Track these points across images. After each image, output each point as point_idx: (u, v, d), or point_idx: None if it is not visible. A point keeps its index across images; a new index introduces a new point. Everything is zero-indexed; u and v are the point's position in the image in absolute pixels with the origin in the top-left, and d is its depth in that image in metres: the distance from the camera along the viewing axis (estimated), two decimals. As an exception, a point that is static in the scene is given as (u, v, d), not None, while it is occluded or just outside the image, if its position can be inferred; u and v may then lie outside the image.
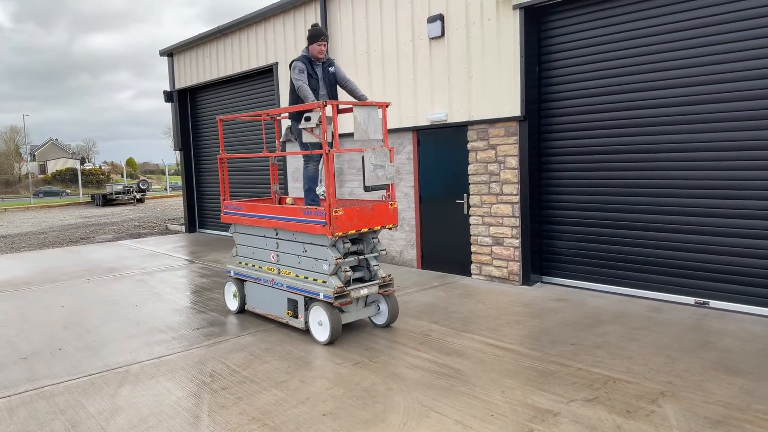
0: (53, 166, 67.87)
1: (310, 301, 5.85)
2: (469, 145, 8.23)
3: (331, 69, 6.38)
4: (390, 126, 9.18)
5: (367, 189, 5.70)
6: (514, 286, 7.81)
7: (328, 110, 5.66)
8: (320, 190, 6.26)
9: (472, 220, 8.34)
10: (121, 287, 8.76)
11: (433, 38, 8.51)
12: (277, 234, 6.28)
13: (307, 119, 5.74)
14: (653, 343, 5.31)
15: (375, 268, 5.98)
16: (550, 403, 4.18)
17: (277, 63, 11.73)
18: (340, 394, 4.48)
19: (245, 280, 6.81)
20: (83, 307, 7.58)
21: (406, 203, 9.31)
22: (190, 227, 15.81)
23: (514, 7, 7.45)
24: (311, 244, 5.81)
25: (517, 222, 7.77)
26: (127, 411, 4.34)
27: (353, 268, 5.85)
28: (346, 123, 8.11)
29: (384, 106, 5.95)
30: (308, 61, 6.21)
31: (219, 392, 4.62)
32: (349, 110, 5.83)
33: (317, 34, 6.24)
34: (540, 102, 7.72)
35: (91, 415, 4.29)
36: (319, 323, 5.69)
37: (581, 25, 7.25)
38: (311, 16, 10.73)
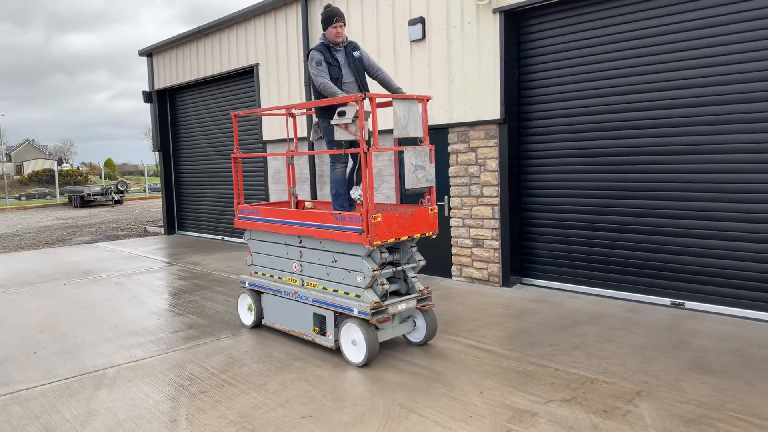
0: (30, 167, 66.74)
1: (341, 317, 5.28)
2: (449, 148, 8.27)
3: (357, 53, 5.74)
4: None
5: (407, 193, 5.20)
6: (494, 287, 7.86)
7: (365, 104, 5.07)
8: (356, 193, 5.63)
9: (452, 222, 8.38)
10: (98, 290, 8.65)
11: (414, 41, 8.54)
12: (300, 242, 5.69)
13: (341, 114, 5.09)
14: (629, 344, 5.38)
15: (413, 280, 5.41)
16: (528, 403, 4.22)
17: (258, 64, 11.68)
18: (320, 397, 4.47)
19: (262, 292, 6.21)
20: (59, 311, 7.47)
21: (387, 205, 9.31)
22: (169, 229, 15.66)
23: (494, 11, 7.51)
24: (342, 253, 5.24)
25: (497, 224, 7.82)
26: (103, 415, 4.29)
27: (388, 280, 5.32)
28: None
29: (425, 100, 5.39)
30: (326, 48, 5.60)
31: (197, 395, 4.58)
32: (387, 104, 5.31)
33: (331, 16, 5.59)
34: (519, 105, 7.79)
35: (67, 420, 4.23)
36: (353, 342, 5.09)
37: (560, 29, 7.33)
38: (292, 17, 10.71)
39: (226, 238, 13.77)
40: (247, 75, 12.41)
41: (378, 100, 5.26)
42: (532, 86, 7.66)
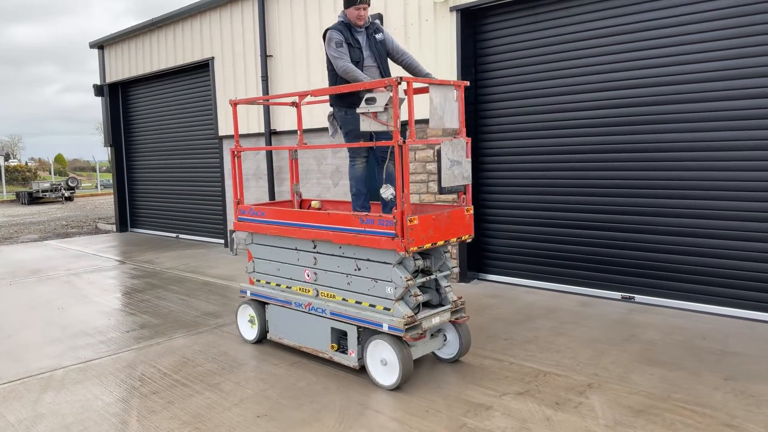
0: (-27, 162, 64.00)
1: (366, 332, 4.66)
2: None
3: (379, 36, 5.20)
4: (319, 125, 9.12)
5: (443, 191, 4.62)
6: (452, 283, 7.92)
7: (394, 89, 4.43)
8: (388, 192, 5.02)
9: (410, 218, 8.39)
10: (46, 290, 8.36)
11: (371, 37, 8.51)
12: (315, 247, 5.02)
13: (370, 101, 4.49)
14: (581, 337, 5.50)
15: (446, 289, 4.81)
16: (483, 397, 4.27)
17: (213, 58, 11.46)
18: (275, 395, 4.42)
19: (267, 303, 5.56)
20: (3, 311, 7.18)
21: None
22: (122, 226, 15.25)
23: (451, 9, 7.56)
24: (368, 260, 4.61)
25: (454, 220, 7.87)
26: (49, 418, 4.14)
27: (419, 288, 4.71)
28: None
29: (462, 86, 4.81)
30: (346, 27, 5.06)
31: (149, 396, 4.48)
32: (423, 90, 4.77)
33: None
34: (476, 104, 7.86)
35: (11, 424, 4.07)
36: (383, 362, 4.48)
37: (516, 28, 7.42)
38: (249, 11, 10.55)
39: (181, 236, 13.49)
40: (203, 69, 12.17)
41: (418, 85, 4.74)
42: (488, 84, 7.75)
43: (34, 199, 31.87)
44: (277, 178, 10.48)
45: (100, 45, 14.76)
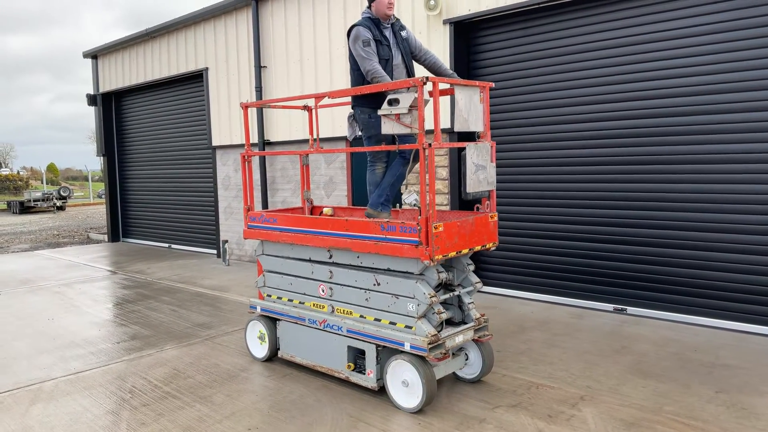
0: (-36, 171, 63.61)
1: (385, 351, 4.44)
2: (400, 156, 8.30)
3: (404, 33, 4.94)
4: (323, 134, 9.16)
5: (467, 197, 4.44)
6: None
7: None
8: (411, 198, 4.85)
9: (403, 229, 8.39)
10: (37, 300, 8.29)
11: (365, 49, 8.54)
12: (330, 257, 4.80)
13: (393, 102, 4.25)
14: (574, 349, 5.50)
15: (469, 306, 4.59)
16: (475, 410, 4.25)
17: (207, 68, 11.48)
18: (266, 408, 4.39)
19: (279, 319, 5.32)
20: (-7, 322, 7.12)
21: (339, 213, 9.27)
22: (114, 236, 15.18)
23: (444, 22, 7.61)
24: (388, 272, 4.40)
25: (447, 232, 7.88)
26: (38, 430, 4.10)
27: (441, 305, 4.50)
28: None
29: (487, 87, 4.62)
30: (374, 23, 4.75)
31: (139, 409, 4.44)
32: (448, 92, 4.50)
33: None
34: (469, 114, 7.89)
35: (-2, 437, 4.03)
36: (404, 383, 4.25)
37: (509, 41, 7.48)
38: (243, 22, 10.59)
39: (174, 246, 13.44)
40: (197, 79, 12.19)
41: (443, 85, 4.52)
42: (482, 96, 7.78)
43: (25, 209, 31.68)
44: (270, 189, 10.48)
45: (94, 55, 14.75)
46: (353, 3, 8.70)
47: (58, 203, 32.65)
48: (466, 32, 7.79)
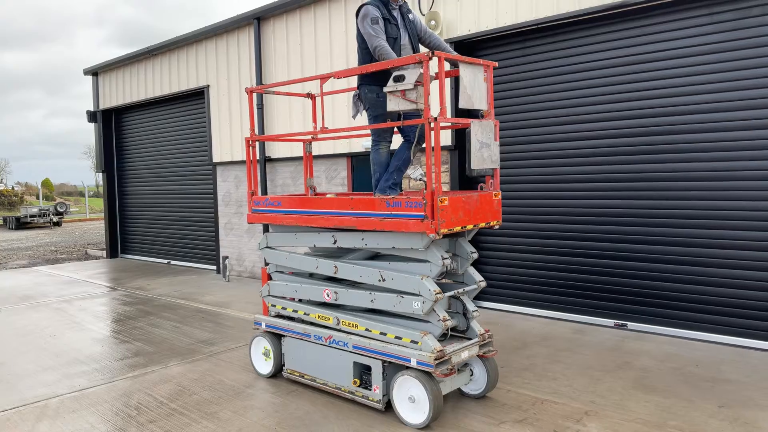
0: (-41, 187, 63.36)
1: (391, 367, 4.43)
2: (401, 172, 8.38)
3: (411, 16, 5.04)
4: (324, 152, 9.23)
5: (471, 174, 4.46)
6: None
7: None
8: (417, 173, 4.76)
9: (404, 245, 8.44)
10: (38, 316, 8.29)
11: (366, 67, 8.65)
12: (335, 242, 4.77)
13: (398, 79, 4.22)
14: (577, 364, 5.54)
15: (473, 315, 4.61)
16: (481, 425, 4.28)
17: (208, 86, 11.58)
18: (273, 424, 4.41)
19: (283, 335, 5.29)
20: (-5, 339, 7.12)
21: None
22: (112, 252, 15.16)
23: (446, 41, 7.72)
24: (393, 251, 4.43)
25: (448, 248, 7.94)
26: (45, 449, 4.11)
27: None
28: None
29: (491, 66, 4.62)
30: (382, 3, 4.84)
31: (146, 425, 4.45)
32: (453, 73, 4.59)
33: None
34: (469, 132, 7.99)
35: (6, 455, 4.03)
36: (411, 399, 4.25)
37: (507, 60, 7.59)
38: (245, 40, 10.71)
39: (173, 262, 13.44)
40: (198, 96, 12.28)
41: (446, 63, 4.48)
42: (482, 114, 7.89)
43: (21, 224, 31.57)
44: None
45: (94, 72, 14.85)
46: (354, 21, 8.81)
47: (55, 219, 32.57)
48: (467, 51, 7.91)
